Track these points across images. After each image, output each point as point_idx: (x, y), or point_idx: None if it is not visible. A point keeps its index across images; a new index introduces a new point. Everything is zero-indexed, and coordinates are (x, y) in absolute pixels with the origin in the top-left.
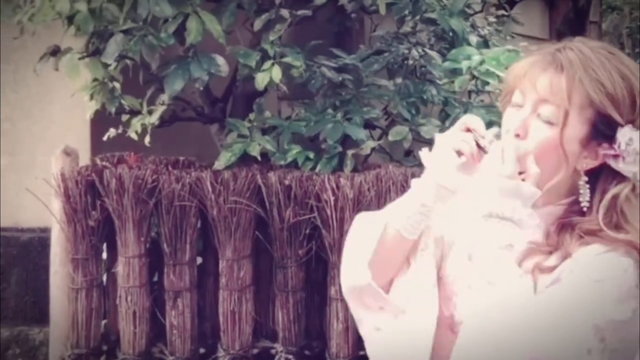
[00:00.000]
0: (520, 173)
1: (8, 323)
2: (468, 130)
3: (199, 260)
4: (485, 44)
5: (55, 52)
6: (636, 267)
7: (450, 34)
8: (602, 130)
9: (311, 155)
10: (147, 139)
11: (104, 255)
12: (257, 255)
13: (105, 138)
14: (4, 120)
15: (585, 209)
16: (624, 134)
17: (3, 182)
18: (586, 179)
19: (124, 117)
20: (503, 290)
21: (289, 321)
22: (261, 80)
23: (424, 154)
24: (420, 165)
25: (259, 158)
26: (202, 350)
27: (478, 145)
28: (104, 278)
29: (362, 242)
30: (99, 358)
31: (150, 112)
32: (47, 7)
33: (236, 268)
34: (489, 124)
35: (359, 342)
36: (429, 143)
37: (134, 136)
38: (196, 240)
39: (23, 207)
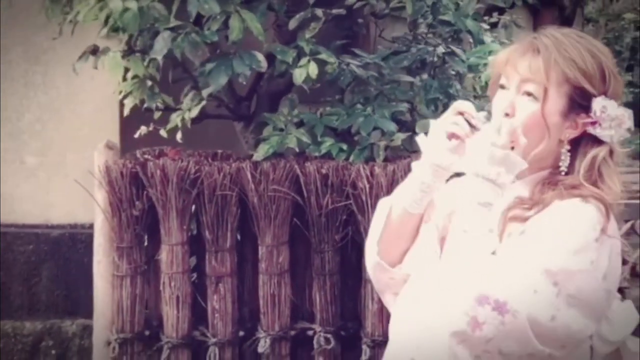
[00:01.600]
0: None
1: (40, 316)
2: (460, 113)
3: None
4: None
5: (95, 51)
6: (599, 222)
7: (461, 35)
8: (579, 102)
9: (344, 146)
10: (179, 135)
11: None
12: (294, 241)
13: (136, 135)
14: (35, 122)
15: (563, 173)
16: (598, 103)
17: (35, 182)
18: (568, 147)
19: (156, 115)
20: (474, 238)
21: (326, 303)
22: (299, 75)
23: (420, 138)
24: None
25: (297, 149)
26: (241, 333)
27: (471, 125)
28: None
29: (375, 224)
30: (143, 342)
31: (189, 108)
32: (96, 7)
33: (275, 253)
34: None
35: None
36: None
37: (163, 134)
38: (237, 227)
39: (53, 205)
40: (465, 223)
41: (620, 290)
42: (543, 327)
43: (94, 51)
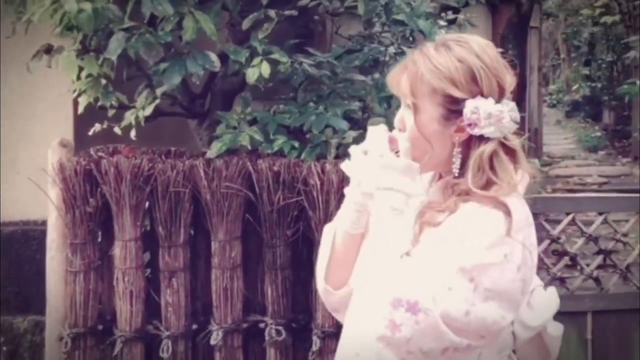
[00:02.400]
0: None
1: None
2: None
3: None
4: None
5: (49, 50)
6: (504, 218)
7: (413, 35)
8: (453, 108)
9: (296, 144)
10: (132, 133)
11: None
12: (247, 236)
13: (91, 133)
14: None
15: (456, 174)
16: (469, 105)
17: None
18: (459, 149)
19: (110, 113)
20: (386, 243)
21: (277, 296)
22: (251, 75)
23: (344, 165)
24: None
25: (249, 147)
26: (194, 326)
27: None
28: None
29: (322, 249)
30: (96, 336)
31: (143, 106)
32: (51, 8)
33: (228, 248)
34: None
35: None
36: None
37: (118, 131)
38: (190, 223)
39: (6, 202)
40: (377, 230)
41: (561, 279)
42: (459, 321)
43: (48, 50)
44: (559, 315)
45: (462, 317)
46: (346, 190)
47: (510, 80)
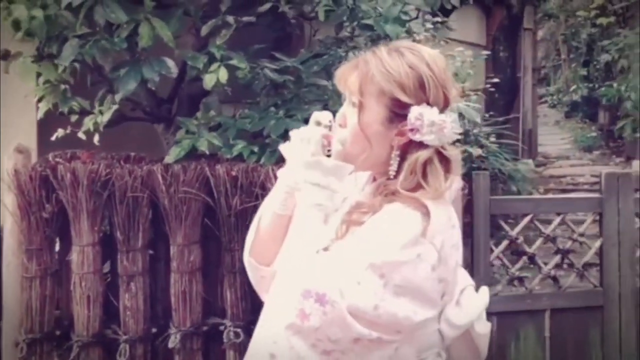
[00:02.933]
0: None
1: None
2: (318, 123)
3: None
4: None
5: (6, 56)
6: (423, 220)
7: (382, 40)
8: (397, 111)
9: (255, 149)
10: (96, 138)
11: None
12: (206, 240)
13: (53, 138)
14: None
15: (392, 176)
16: (414, 111)
17: None
18: (398, 152)
19: (73, 118)
20: (305, 236)
21: (236, 299)
22: (209, 80)
23: (281, 146)
24: None
25: (207, 152)
26: (154, 330)
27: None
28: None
29: (251, 228)
30: (53, 342)
31: (101, 112)
32: (4, 14)
33: (186, 252)
34: None
35: None
36: None
37: (82, 136)
38: (148, 228)
39: None
40: (298, 223)
41: (520, 279)
42: (368, 314)
43: (5, 56)
44: (519, 314)
45: (371, 310)
46: (279, 172)
47: (455, 93)
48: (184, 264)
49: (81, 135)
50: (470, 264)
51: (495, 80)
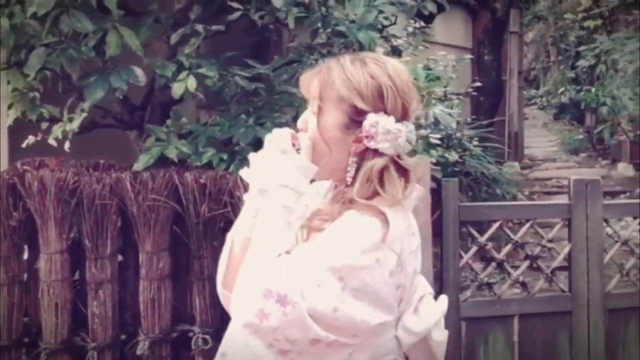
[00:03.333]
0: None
1: None
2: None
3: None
4: (397, 53)
5: None
6: (381, 226)
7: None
8: (355, 118)
9: (225, 156)
10: (66, 145)
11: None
12: (176, 247)
13: (24, 145)
14: None
15: (349, 182)
16: (370, 119)
17: None
18: (355, 159)
19: (44, 125)
20: (268, 237)
21: (205, 306)
22: (177, 89)
23: (242, 172)
24: None
25: (176, 160)
26: (123, 337)
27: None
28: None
29: (222, 256)
30: (21, 349)
31: (70, 120)
32: None
33: (155, 260)
34: None
35: None
36: None
37: (53, 142)
38: (117, 235)
39: None
40: (262, 225)
41: (489, 284)
42: (327, 317)
43: None
44: (488, 319)
45: (331, 313)
46: (245, 197)
47: (415, 106)
48: (153, 271)
49: (52, 142)
50: (439, 270)
51: (478, 84)
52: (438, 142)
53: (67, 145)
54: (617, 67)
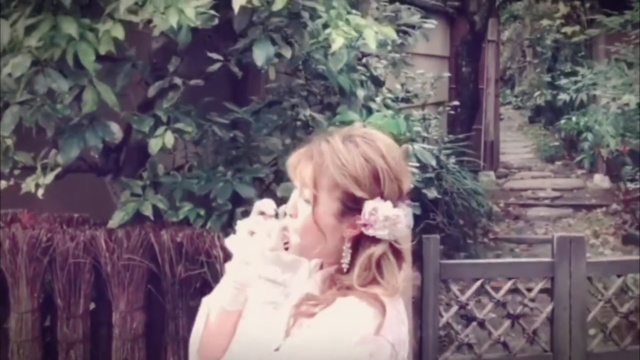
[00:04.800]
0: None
1: None
2: (261, 213)
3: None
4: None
5: None
6: (377, 317)
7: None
8: (351, 205)
9: (202, 212)
10: (40, 192)
11: None
12: (151, 306)
13: None
14: None
15: (345, 269)
16: (368, 206)
17: None
18: (349, 244)
19: (17, 171)
20: (257, 336)
21: None
22: (154, 145)
23: (228, 240)
24: None
25: (152, 218)
26: None
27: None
28: None
29: (197, 322)
30: None
31: (44, 170)
32: None
33: (129, 319)
34: None
35: None
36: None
37: (27, 188)
38: (90, 294)
39: None
40: (249, 322)
41: (469, 345)
42: None
43: None
44: None
45: None
46: (227, 266)
47: (408, 184)
48: (127, 331)
49: (26, 187)
50: (419, 329)
51: (456, 103)
52: (418, 180)
53: (40, 192)
54: (599, 102)
